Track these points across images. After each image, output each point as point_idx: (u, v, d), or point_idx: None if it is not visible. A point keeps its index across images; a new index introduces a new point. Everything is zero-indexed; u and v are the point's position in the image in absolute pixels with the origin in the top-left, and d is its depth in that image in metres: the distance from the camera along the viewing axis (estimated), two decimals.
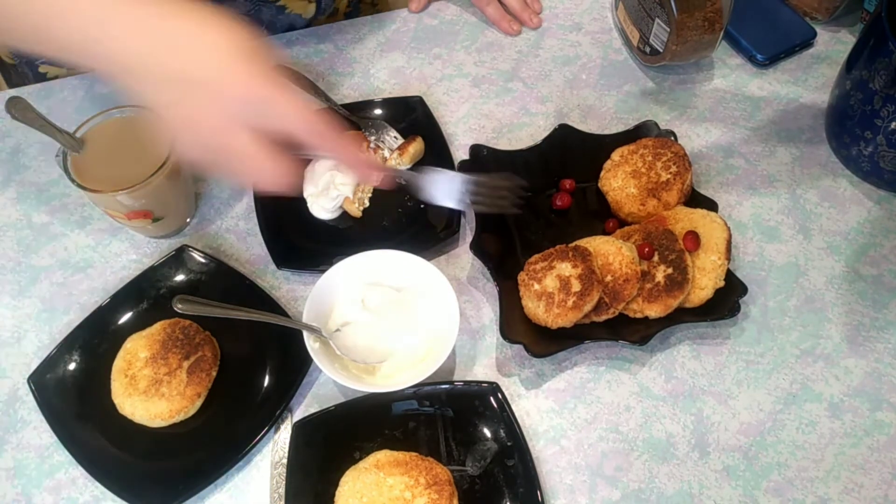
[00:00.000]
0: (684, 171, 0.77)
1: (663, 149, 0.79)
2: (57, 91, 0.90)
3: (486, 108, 0.90)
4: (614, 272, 0.70)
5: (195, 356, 0.69)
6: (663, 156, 0.78)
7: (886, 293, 0.77)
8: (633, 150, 0.80)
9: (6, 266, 0.79)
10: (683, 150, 0.78)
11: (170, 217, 0.78)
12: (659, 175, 0.77)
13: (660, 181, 0.77)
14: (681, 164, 0.77)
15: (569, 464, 0.68)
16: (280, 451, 0.67)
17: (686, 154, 0.78)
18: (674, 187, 0.77)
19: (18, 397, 0.71)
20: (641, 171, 0.78)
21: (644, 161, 0.78)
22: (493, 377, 0.72)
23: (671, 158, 0.78)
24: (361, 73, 0.93)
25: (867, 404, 0.71)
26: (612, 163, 0.80)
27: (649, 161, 0.78)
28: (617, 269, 0.70)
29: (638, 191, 0.77)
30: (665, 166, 0.77)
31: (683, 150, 0.78)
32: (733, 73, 0.93)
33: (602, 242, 0.73)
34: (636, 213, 0.77)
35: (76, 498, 0.66)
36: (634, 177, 0.78)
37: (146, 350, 0.69)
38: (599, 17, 0.99)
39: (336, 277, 0.72)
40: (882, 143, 0.77)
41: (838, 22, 0.96)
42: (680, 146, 0.79)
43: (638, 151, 0.79)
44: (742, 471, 0.67)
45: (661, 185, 0.77)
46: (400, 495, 0.62)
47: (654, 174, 0.77)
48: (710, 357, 0.73)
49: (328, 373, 0.66)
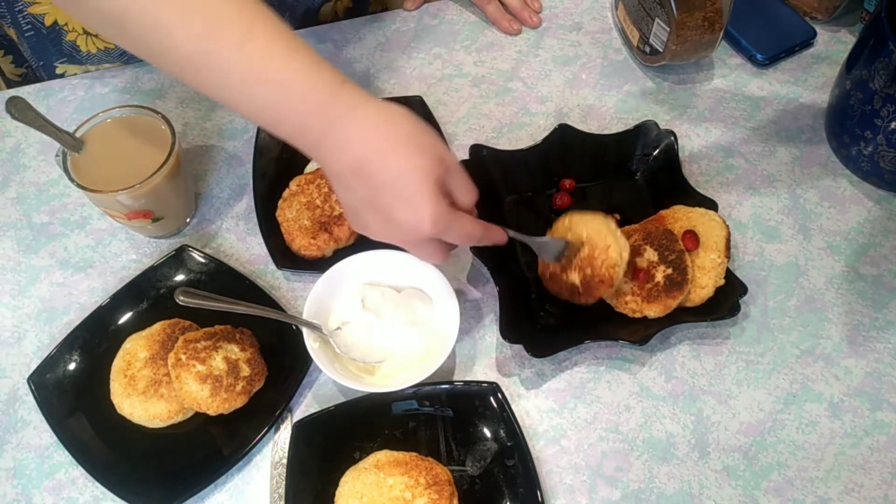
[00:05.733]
0: None
1: None
2: (57, 91, 0.90)
3: (486, 108, 0.90)
4: (594, 268, 0.69)
5: None
6: None
7: (886, 293, 0.77)
8: (310, 179, 0.78)
9: (6, 266, 0.79)
10: None
11: (170, 217, 0.78)
12: (333, 208, 0.76)
13: (333, 214, 0.76)
14: None
15: (569, 464, 0.68)
16: (280, 451, 0.67)
17: None
18: (345, 222, 0.75)
19: (18, 397, 0.71)
20: (316, 202, 0.76)
21: (320, 192, 0.77)
22: (493, 377, 0.72)
23: None
24: (361, 73, 0.93)
25: (867, 404, 0.71)
26: (290, 192, 0.78)
27: (325, 192, 0.77)
28: (598, 266, 0.69)
29: (311, 223, 0.76)
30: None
31: None
32: (733, 73, 0.93)
33: (596, 232, 0.70)
34: (308, 246, 0.75)
35: (76, 498, 0.66)
36: (309, 209, 0.76)
37: (146, 350, 0.69)
38: (599, 17, 0.99)
39: (336, 277, 0.72)
40: (882, 142, 0.77)
41: (838, 22, 0.96)
42: None
43: (315, 182, 0.77)
44: (742, 471, 0.67)
45: (334, 219, 0.75)
46: (400, 495, 0.62)
47: (328, 207, 0.76)
48: (710, 357, 0.73)
49: (328, 372, 0.66)
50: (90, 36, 0.86)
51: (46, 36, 0.86)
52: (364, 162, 0.59)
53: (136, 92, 0.90)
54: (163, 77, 0.91)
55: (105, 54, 0.89)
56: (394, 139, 0.59)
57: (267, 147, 0.83)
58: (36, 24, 0.84)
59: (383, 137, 0.59)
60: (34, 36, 0.86)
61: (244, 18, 0.57)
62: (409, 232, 0.61)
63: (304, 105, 0.59)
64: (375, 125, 0.59)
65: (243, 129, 0.88)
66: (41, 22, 0.84)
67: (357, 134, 0.59)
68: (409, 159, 0.59)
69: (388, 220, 0.60)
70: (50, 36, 0.86)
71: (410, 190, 0.58)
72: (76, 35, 0.86)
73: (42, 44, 0.87)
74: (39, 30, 0.85)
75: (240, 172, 0.84)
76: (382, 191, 0.59)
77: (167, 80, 0.91)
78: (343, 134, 0.58)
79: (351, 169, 0.59)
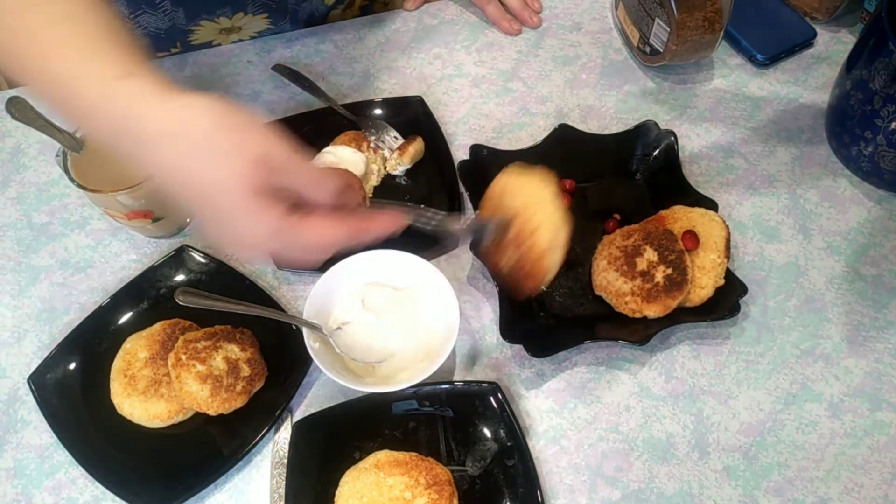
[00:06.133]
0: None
1: None
2: None
3: (486, 108, 0.90)
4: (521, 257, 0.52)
5: None
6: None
7: (886, 293, 0.77)
8: None
9: (6, 266, 0.79)
10: (360, 184, 0.69)
11: (170, 217, 0.77)
12: None
13: None
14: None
15: (569, 464, 0.68)
16: (280, 451, 0.67)
17: (362, 187, 0.70)
18: None
19: (18, 397, 0.71)
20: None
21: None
22: (493, 377, 0.72)
23: None
24: (361, 73, 0.93)
25: (867, 404, 0.71)
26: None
27: None
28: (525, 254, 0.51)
29: None
30: None
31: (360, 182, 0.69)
32: (733, 73, 0.93)
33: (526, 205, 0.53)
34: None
35: (76, 498, 0.66)
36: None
37: (146, 350, 0.69)
38: (599, 17, 0.99)
39: (336, 277, 0.72)
40: (882, 142, 0.77)
41: (838, 22, 0.96)
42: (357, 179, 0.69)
43: None
44: (742, 471, 0.67)
45: None
46: (400, 495, 0.62)
47: None
48: (710, 357, 0.73)
49: (328, 373, 0.66)
50: None
51: None
52: (166, 178, 0.49)
53: None
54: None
55: None
56: (189, 147, 0.48)
57: None
58: None
59: (175, 147, 0.48)
60: None
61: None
62: (249, 249, 0.51)
63: (81, 103, 0.49)
64: (163, 132, 0.48)
65: None
66: None
67: (146, 144, 0.49)
68: (213, 170, 0.48)
69: (231, 235, 0.51)
70: None
71: (225, 206, 0.48)
72: None
73: None
74: None
75: None
76: (200, 208, 0.50)
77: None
78: (133, 142, 0.49)
79: (161, 181, 0.50)
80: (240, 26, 0.92)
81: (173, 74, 0.91)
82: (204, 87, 0.91)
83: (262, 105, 0.89)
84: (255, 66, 0.93)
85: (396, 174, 0.83)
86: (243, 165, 0.47)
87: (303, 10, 0.95)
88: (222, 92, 0.90)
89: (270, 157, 0.48)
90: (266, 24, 0.94)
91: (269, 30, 0.95)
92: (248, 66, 0.93)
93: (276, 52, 0.94)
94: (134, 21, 0.85)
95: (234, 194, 0.47)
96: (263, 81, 0.91)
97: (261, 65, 0.93)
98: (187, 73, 0.92)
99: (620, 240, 0.74)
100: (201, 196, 0.49)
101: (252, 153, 0.48)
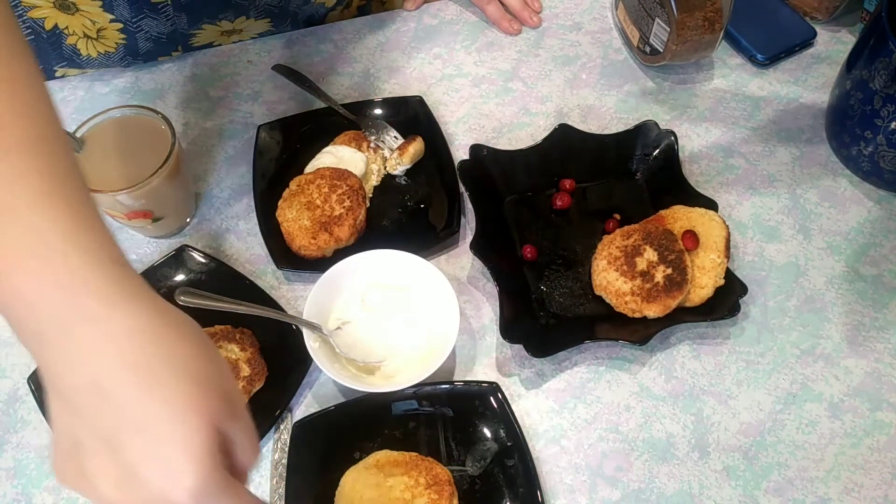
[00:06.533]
0: (357, 207, 0.76)
1: (339, 180, 0.77)
2: (57, 91, 0.90)
3: (486, 108, 0.90)
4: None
5: None
6: (339, 188, 0.77)
7: (886, 293, 0.77)
8: (310, 179, 0.78)
9: None
10: (360, 183, 0.77)
11: (170, 217, 0.78)
12: (333, 209, 0.76)
13: (333, 215, 0.75)
14: (354, 198, 0.76)
15: (569, 464, 0.68)
16: (280, 451, 0.67)
17: (362, 187, 0.77)
18: (346, 222, 0.75)
19: (18, 397, 0.71)
20: (316, 203, 0.76)
21: (320, 192, 0.76)
22: (493, 377, 0.72)
23: (346, 192, 0.76)
24: (361, 73, 0.93)
25: (867, 404, 0.71)
26: (290, 192, 0.78)
27: (325, 192, 0.76)
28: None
29: (311, 223, 0.75)
30: (339, 200, 0.76)
31: (360, 182, 0.77)
32: (733, 73, 0.93)
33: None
34: (308, 246, 0.75)
35: (76, 498, 0.66)
36: (309, 209, 0.76)
37: None
38: (599, 17, 0.99)
39: (336, 277, 0.72)
40: (882, 142, 0.77)
41: (838, 22, 0.96)
42: (356, 179, 0.77)
43: (315, 181, 0.77)
44: (742, 471, 0.67)
45: (334, 219, 0.75)
46: (400, 495, 0.62)
47: (328, 207, 0.76)
48: (710, 357, 0.73)
49: (328, 372, 0.66)
50: (90, 39, 0.86)
51: (47, 40, 0.86)
52: (105, 381, 0.39)
53: (136, 92, 0.90)
54: (163, 77, 0.91)
55: (105, 58, 0.89)
56: (156, 358, 0.40)
57: (267, 147, 0.83)
58: (36, 28, 0.84)
59: (135, 353, 0.40)
60: (34, 40, 0.86)
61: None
62: (152, 498, 0.39)
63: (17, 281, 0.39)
64: (126, 336, 0.40)
65: (243, 129, 0.88)
66: (41, 26, 0.84)
67: (96, 343, 0.39)
68: (178, 390, 0.40)
69: (128, 472, 0.39)
70: (50, 40, 0.86)
71: (170, 438, 0.39)
72: (76, 38, 0.86)
73: (42, 48, 0.87)
74: (39, 34, 0.85)
75: (240, 172, 0.84)
76: (126, 429, 0.39)
77: (167, 80, 0.91)
78: (78, 340, 0.39)
79: (88, 386, 0.39)
80: (241, 28, 0.92)
81: (173, 75, 0.91)
82: (204, 87, 0.91)
83: (263, 105, 0.89)
84: (255, 66, 0.93)
85: (396, 174, 0.83)
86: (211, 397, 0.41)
87: (303, 13, 0.95)
88: (222, 92, 0.90)
89: (233, 400, 0.43)
90: (268, 26, 0.94)
91: (269, 31, 0.95)
92: (248, 66, 0.93)
93: (276, 52, 0.94)
94: (135, 25, 0.85)
95: (189, 426, 0.39)
96: (263, 81, 0.91)
97: (261, 65, 0.93)
98: (187, 74, 0.92)
99: (620, 240, 0.74)
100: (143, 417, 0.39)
101: (222, 387, 0.42)
